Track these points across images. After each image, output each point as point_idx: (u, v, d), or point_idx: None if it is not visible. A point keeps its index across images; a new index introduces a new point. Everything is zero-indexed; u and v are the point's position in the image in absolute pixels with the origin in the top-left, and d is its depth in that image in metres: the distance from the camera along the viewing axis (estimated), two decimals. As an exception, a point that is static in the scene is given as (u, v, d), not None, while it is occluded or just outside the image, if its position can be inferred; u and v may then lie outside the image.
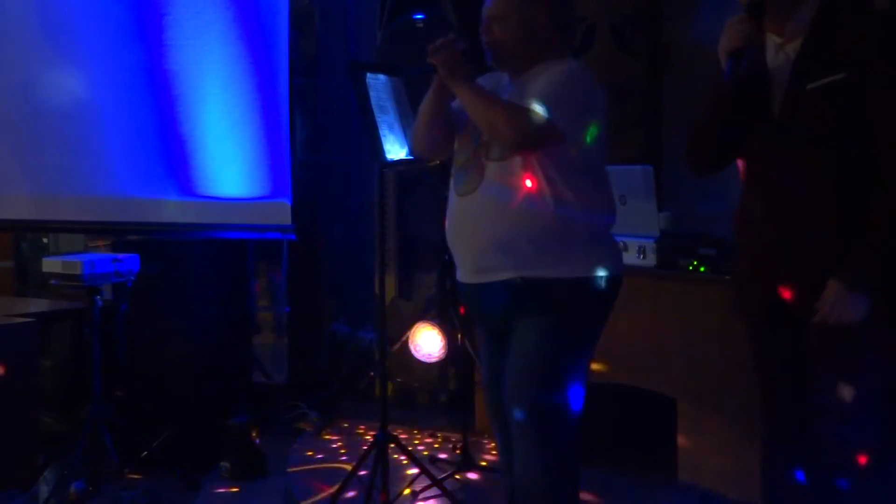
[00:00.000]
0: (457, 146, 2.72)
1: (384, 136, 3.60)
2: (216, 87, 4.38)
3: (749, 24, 2.37)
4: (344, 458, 4.35)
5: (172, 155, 4.38)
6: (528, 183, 2.51)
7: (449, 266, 2.98)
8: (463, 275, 2.68)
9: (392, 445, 3.67)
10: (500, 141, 2.53)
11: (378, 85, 3.52)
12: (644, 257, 3.75)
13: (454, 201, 2.66)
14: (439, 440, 4.58)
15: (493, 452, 4.25)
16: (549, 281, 2.53)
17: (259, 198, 4.34)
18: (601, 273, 2.57)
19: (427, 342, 4.89)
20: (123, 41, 4.42)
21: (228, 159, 4.36)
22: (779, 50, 2.44)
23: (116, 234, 4.56)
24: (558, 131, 2.48)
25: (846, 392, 2.35)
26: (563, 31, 2.67)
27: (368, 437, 4.53)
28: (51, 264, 3.94)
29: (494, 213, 2.54)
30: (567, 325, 2.57)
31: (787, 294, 2.42)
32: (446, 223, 2.70)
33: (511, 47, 2.62)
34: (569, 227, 2.52)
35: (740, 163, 2.60)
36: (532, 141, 2.50)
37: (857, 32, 2.33)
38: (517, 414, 2.57)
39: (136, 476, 3.97)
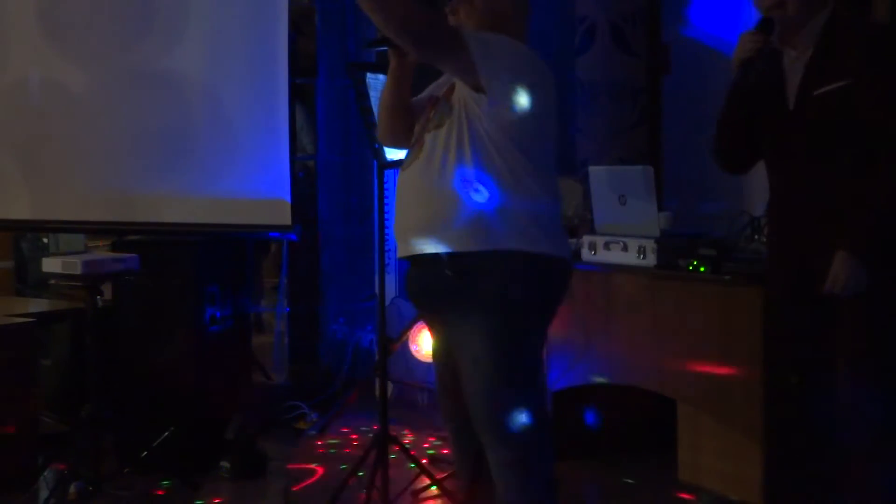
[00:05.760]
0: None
1: (384, 135, 3.60)
2: (216, 87, 4.38)
3: (759, 36, 2.62)
4: (344, 458, 4.35)
5: (173, 154, 4.38)
6: (460, 152, 2.46)
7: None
8: (400, 249, 2.64)
9: (392, 446, 3.68)
10: (390, 23, 2.36)
11: (378, 85, 3.53)
12: (644, 257, 3.74)
13: (398, 177, 2.66)
14: (439, 440, 4.58)
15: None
16: (474, 255, 2.45)
17: (259, 197, 4.34)
18: (534, 251, 2.48)
19: (427, 342, 4.89)
20: (123, 40, 4.42)
21: (229, 159, 4.36)
22: (794, 61, 2.68)
23: (116, 234, 4.56)
24: (460, 43, 2.39)
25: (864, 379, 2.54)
26: (522, 21, 2.67)
27: (368, 437, 4.52)
28: (51, 264, 3.93)
29: (424, 184, 2.51)
30: (507, 323, 2.47)
31: (814, 271, 2.59)
32: None
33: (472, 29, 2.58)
34: (499, 200, 2.45)
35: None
36: (424, 31, 2.39)
37: (857, 44, 2.58)
38: (483, 434, 2.54)
39: (136, 476, 3.97)
